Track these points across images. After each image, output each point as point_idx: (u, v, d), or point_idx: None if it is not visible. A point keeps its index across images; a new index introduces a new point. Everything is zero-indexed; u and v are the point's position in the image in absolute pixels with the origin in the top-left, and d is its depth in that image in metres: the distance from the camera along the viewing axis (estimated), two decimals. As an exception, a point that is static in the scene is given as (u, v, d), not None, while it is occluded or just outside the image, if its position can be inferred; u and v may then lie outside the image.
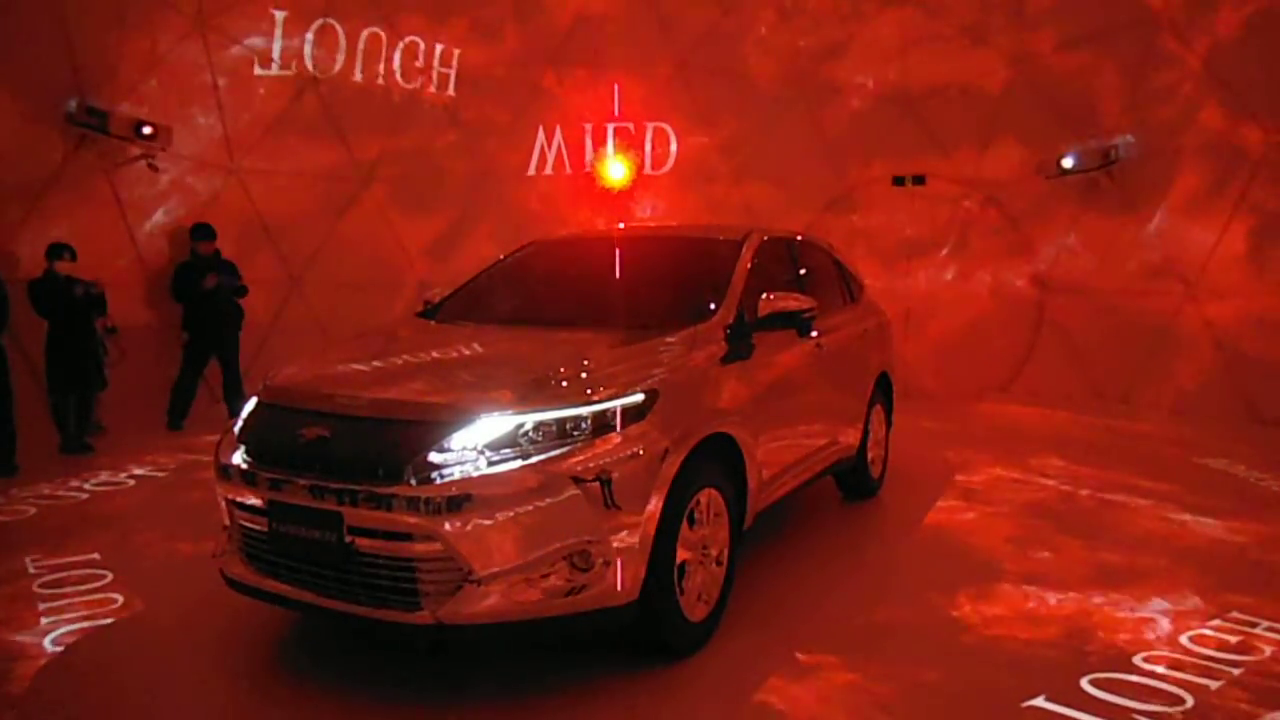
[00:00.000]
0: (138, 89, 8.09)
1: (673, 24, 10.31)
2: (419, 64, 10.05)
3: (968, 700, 2.94)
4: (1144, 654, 3.24)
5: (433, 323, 4.19)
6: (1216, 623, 3.53)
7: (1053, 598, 3.82)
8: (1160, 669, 3.11)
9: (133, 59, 8.10)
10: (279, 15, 9.09)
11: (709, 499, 3.30)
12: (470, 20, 10.08)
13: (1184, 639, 3.38)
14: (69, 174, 7.65)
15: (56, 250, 6.75)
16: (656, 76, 10.40)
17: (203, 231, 8.22)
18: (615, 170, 10.38)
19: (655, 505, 2.94)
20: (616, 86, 10.32)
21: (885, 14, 9.80)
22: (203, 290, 8.05)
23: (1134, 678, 3.05)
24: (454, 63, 10.16)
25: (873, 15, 9.86)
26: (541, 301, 4.34)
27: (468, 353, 3.68)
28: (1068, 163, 8.98)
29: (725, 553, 3.43)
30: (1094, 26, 8.80)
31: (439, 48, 10.07)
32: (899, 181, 10.09)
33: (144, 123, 7.91)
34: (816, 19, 10.06)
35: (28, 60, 7.28)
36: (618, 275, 4.27)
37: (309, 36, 9.32)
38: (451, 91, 10.20)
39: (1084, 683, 3.01)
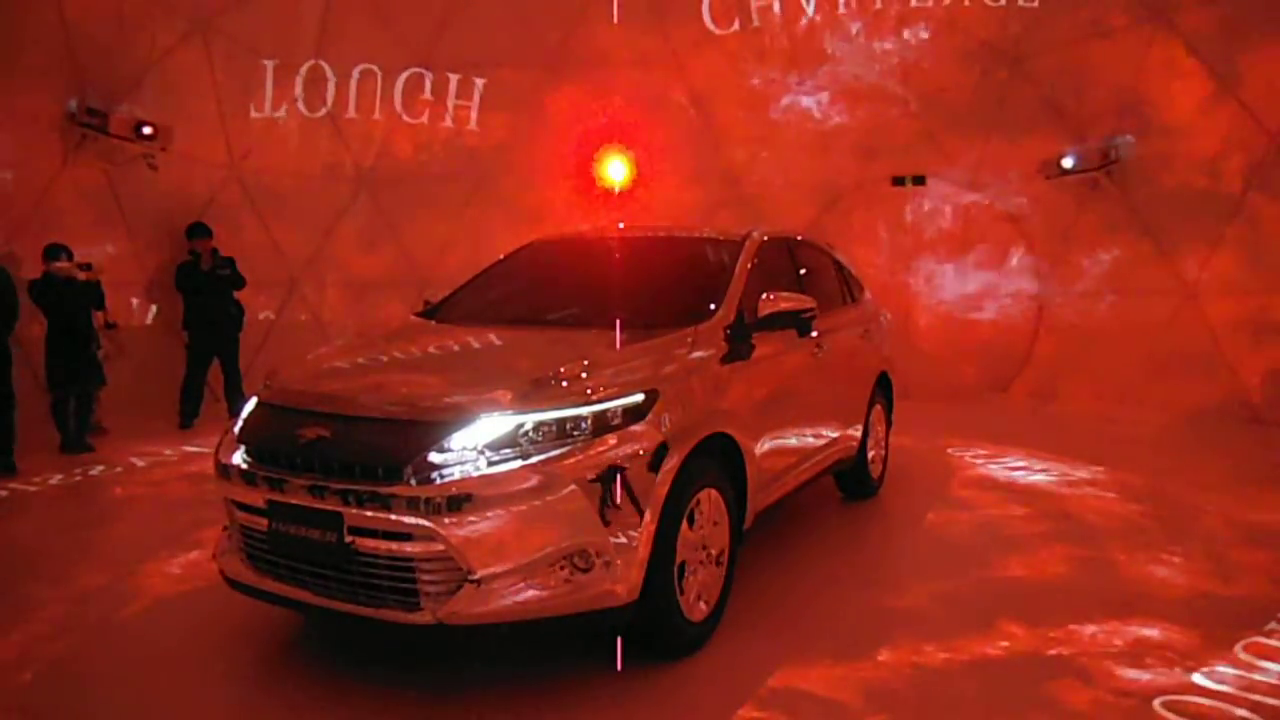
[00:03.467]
0: (138, 89, 8.09)
1: (672, 27, 10.31)
2: (425, 96, 10.14)
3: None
4: (1204, 670, 3.06)
5: (432, 323, 4.18)
6: (1270, 626, 3.40)
7: (1072, 605, 3.70)
8: (1225, 688, 2.93)
9: (133, 59, 8.10)
10: (269, 64, 9.16)
11: (709, 499, 3.30)
12: (471, 42, 10.12)
13: (1237, 650, 3.21)
14: (69, 174, 7.65)
15: (54, 251, 6.76)
16: (657, 80, 10.40)
17: (199, 230, 8.24)
18: (616, 172, 10.37)
19: (655, 505, 2.94)
20: (615, 90, 10.32)
21: (885, 14, 9.80)
22: (202, 276, 8.06)
23: (1202, 700, 2.85)
24: (475, 95, 10.23)
25: (873, 15, 9.85)
26: (541, 301, 4.33)
27: (467, 353, 3.67)
28: (1068, 163, 8.97)
29: (725, 553, 3.43)
30: (1094, 26, 8.80)
31: (453, 79, 10.14)
32: (899, 181, 10.08)
33: (144, 123, 7.92)
34: (817, 19, 10.05)
35: (28, 60, 7.28)
36: (617, 275, 4.27)
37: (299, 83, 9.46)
38: (474, 126, 10.28)
39: (1157, 705, 2.82)
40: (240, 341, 8.46)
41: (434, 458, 2.74)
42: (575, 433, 2.84)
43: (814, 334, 4.38)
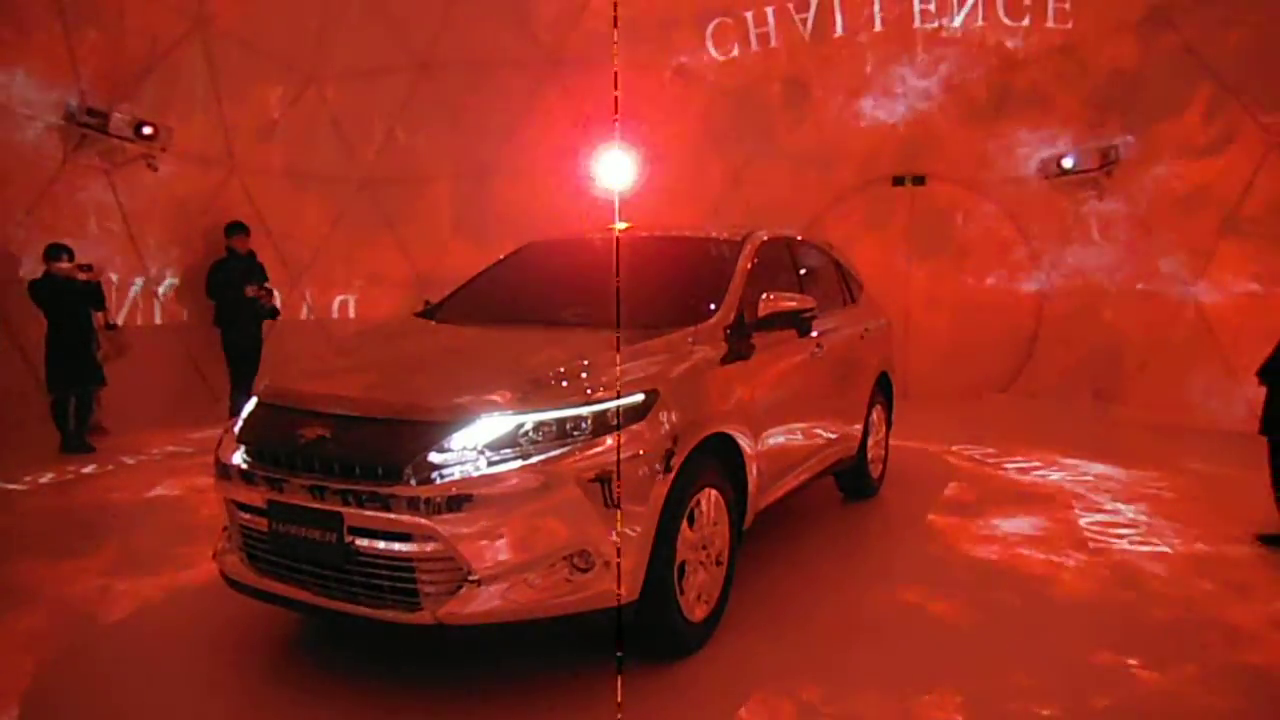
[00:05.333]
0: (138, 89, 8.08)
1: (671, 28, 10.31)
2: (426, 97, 10.22)
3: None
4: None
5: (432, 323, 4.19)
6: None
7: (1071, 603, 3.69)
8: None
9: (133, 59, 8.09)
10: (269, 65, 9.21)
11: (709, 499, 3.30)
12: (472, 44, 10.14)
13: None
14: (69, 174, 7.65)
15: (55, 251, 6.76)
16: (657, 80, 10.40)
17: (236, 228, 8.33)
18: (615, 170, 10.35)
19: (655, 505, 2.94)
20: (615, 91, 10.31)
21: (885, 14, 9.80)
22: (241, 295, 8.17)
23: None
24: (476, 99, 10.30)
25: (872, 15, 9.86)
26: (541, 301, 4.32)
27: (467, 353, 3.68)
28: (1068, 163, 8.97)
29: (725, 553, 3.43)
30: (1094, 25, 8.80)
31: (454, 81, 10.20)
32: (899, 182, 10.09)
33: (144, 123, 7.90)
34: (817, 19, 10.05)
35: (28, 60, 7.28)
36: (617, 275, 4.26)
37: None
38: (475, 128, 10.39)
39: None
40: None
41: (434, 458, 2.74)
42: (575, 433, 2.84)
43: (814, 334, 4.38)
